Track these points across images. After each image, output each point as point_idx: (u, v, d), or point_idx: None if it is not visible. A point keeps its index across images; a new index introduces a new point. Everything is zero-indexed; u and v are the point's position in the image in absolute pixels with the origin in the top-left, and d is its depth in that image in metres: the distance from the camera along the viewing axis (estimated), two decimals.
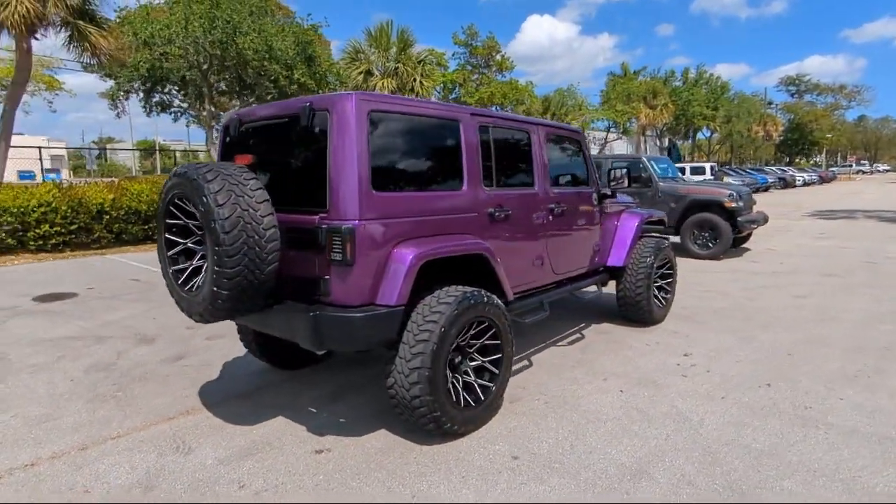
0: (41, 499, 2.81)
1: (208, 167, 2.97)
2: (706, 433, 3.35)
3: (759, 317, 5.92)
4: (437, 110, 3.51)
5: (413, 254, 3.09)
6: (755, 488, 2.77)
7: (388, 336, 3.07)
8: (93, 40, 13.08)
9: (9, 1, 11.67)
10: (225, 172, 2.96)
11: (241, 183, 2.96)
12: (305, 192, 3.15)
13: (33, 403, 4.01)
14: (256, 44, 13.98)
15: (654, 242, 5.51)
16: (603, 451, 3.16)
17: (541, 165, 4.26)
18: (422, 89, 18.23)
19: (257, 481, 2.94)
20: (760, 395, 3.88)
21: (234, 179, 2.95)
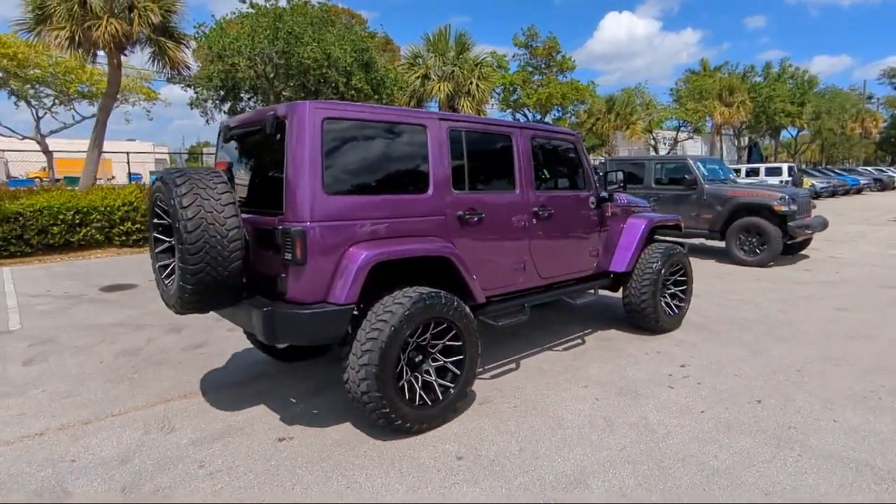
0: (35, 464, 3.16)
1: (180, 172, 3.22)
2: (666, 447, 3.20)
3: (782, 329, 5.50)
4: (401, 116, 3.59)
5: (364, 255, 3.18)
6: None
7: (338, 333, 3.19)
8: (171, 54, 14.21)
9: (100, 22, 12.92)
10: (195, 177, 3.19)
11: (209, 187, 3.18)
12: (270, 195, 3.32)
13: (62, 381, 4.48)
14: (315, 53, 14.60)
15: (663, 248, 5.28)
16: (549, 458, 3.11)
17: (524, 169, 4.22)
18: (478, 92, 18.28)
19: (216, 462, 3.15)
20: (745, 412, 3.64)
21: (202, 184, 3.17)
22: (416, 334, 3.37)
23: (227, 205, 3.18)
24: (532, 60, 23.40)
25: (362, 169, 3.38)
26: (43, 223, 11.00)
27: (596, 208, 4.87)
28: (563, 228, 4.57)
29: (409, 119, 3.61)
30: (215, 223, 3.11)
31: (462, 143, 3.84)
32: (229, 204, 3.19)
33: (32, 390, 4.31)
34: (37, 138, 27.56)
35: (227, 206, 3.18)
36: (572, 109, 24.81)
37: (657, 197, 9.87)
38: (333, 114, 3.23)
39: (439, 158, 3.67)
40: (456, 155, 3.79)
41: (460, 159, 3.82)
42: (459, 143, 3.83)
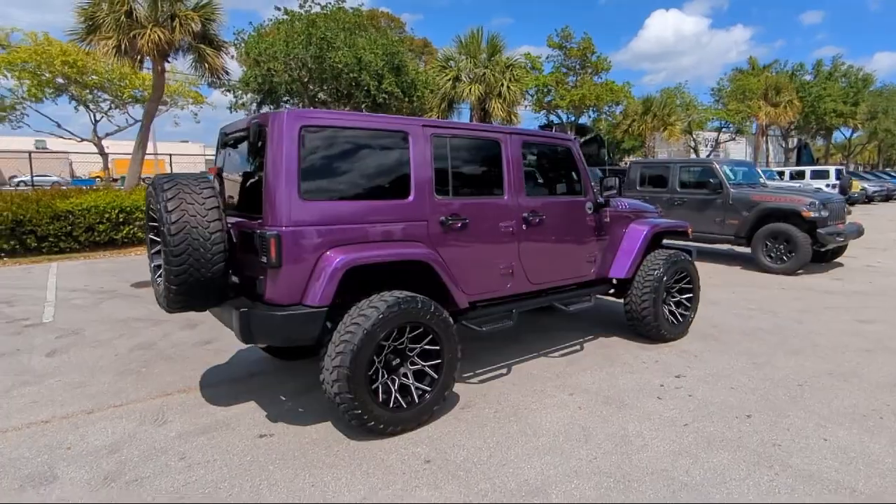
0: (35, 450, 3.36)
1: (168, 178, 3.36)
2: (638, 460, 3.13)
3: (795, 341, 5.26)
4: (382, 123, 3.63)
5: (339, 259, 3.24)
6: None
7: (312, 335, 3.25)
8: (209, 61, 14.75)
9: (144, 31, 13.54)
10: (182, 183, 3.33)
11: (195, 192, 3.30)
12: (254, 199, 3.43)
13: (78, 371, 4.73)
14: (346, 57, 14.87)
15: (666, 254, 5.13)
16: (516, 466, 3.08)
17: (513, 175, 4.19)
18: (509, 94, 18.17)
19: (196, 455, 3.27)
20: (730, 426, 3.51)
21: (188, 189, 3.30)
22: (392, 338, 3.40)
23: (211, 209, 3.29)
24: (566, 61, 23.08)
25: (341, 175, 3.43)
26: (90, 221, 11.62)
27: (594, 214, 4.78)
28: (557, 234, 4.51)
29: (390, 126, 3.64)
30: (198, 227, 3.23)
31: (447, 150, 3.85)
32: (213, 208, 3.30)
33: (49, 380, 4.57)
34: (94, 140, 29.12)
35: (210, 210, 3.29)
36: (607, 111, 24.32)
37: (681, 201, 9.59)
38: (312, 122, 3.30)
39: (421, 165, 3.69)
40: (440, 161, 3.81)
41: (444, 165, 3.83)
42: (444, 150, 3.84)
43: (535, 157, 4.51)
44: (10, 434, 3.59)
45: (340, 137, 3.43)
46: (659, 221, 5.32)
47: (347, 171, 3.46)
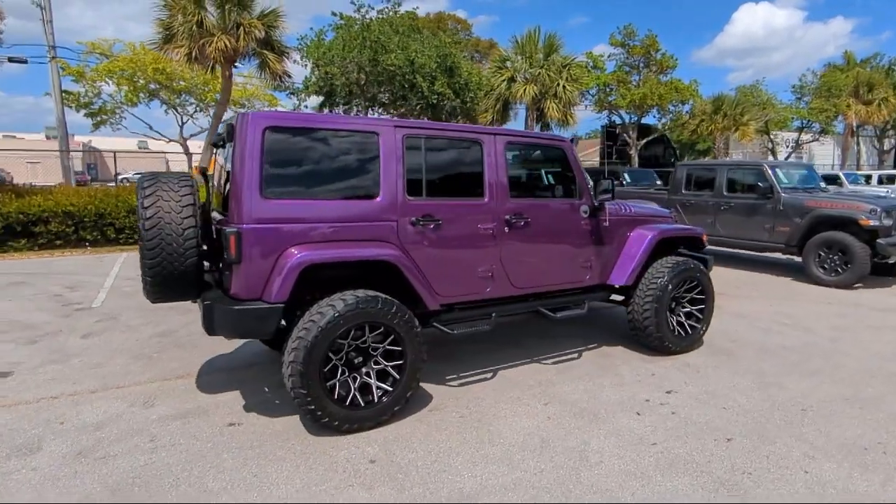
0: (34, 422, 3.67)
1: (151, 176, 3.56)
2: (586, 478, 2.96)
3: (818, 361, 4.77)
4: (350, 124, 3.64)
5: (296, 257, 3.29)
6: None
7: (267, 330, 3.33)
8: (271, 66, 15.46)
9: (212, 39, 14.40)
10: (162, 181, 3.51)
11: (173, 190, 3.48)
12: (226, 198, 3.55)
13: (100, 353, 5.11)
14: (399, 60, 15.10)
15: (673, 262, 4.81)
16: (457, 473, 3.01)
17: (494, 176, 4.08)
18: (565, 93, 17.71)
19: (165, 438, 3.44)
20: (703, 449, 3.24)
21: (166, 187, 3.48)
22: (352, 336, 3.41)
23: (185, 206, 3.45)
24: (629, 59, 22.14)
25: (306, 175, 3.49)
26: None
27: (590, 217, 4.57)
28: (545, 238, 4.35)
29: (359, 127, 3.66)
30: (172, 223, 3.40)
31: (421, 150, 3.82)
32: (188, 206, 3.46)
33: (74, 359, 4.97)
34: (180, 141, 31.40)
35: (185, 207, 3.45)
36: (673, 110, 23.13)
37: (728, 206, 8.97)
38: (276, 123, 3.38)
39: (391, 165, 3.68)
40: (413, 161, 3.78)
41: (418, 166, 3.80)
42: (418, 150, 3.80)
43: (523, 159, 4.37)
44: (21, 407, 3.94)
45: (307, 138, 3.48)
46: (666, 227, 5.00)
47: (314, 171, 3.51)
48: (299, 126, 3.47)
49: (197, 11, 14.49)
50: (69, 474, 3.02)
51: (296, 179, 3.45)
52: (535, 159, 4.52)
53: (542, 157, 4.53)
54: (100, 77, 28.27)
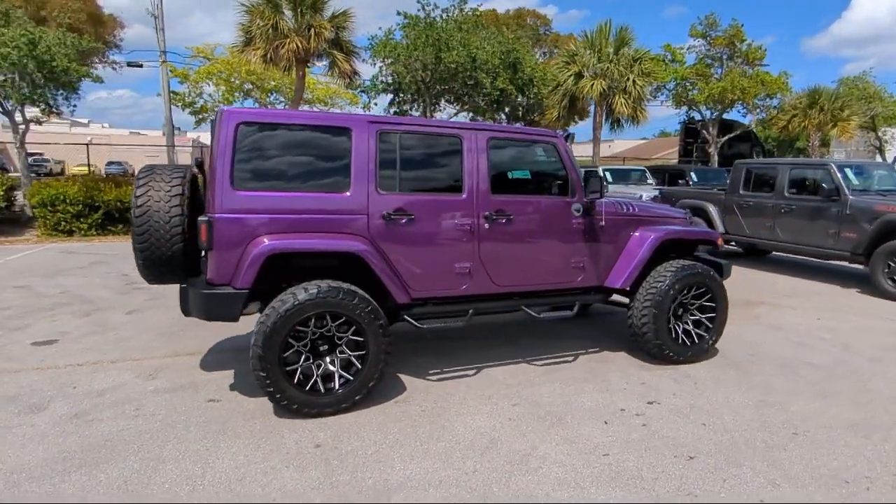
0: (52, 386, 4.11)
1: (147, 169, 3.85)
2: (517, 483, 2.86)
3: (841, 383, 4.25)
4: (323, 120, 3.73)
5: (262, 246, 3.43)
6: None
7: (231, 314, 3.50)
8: (339, 65, 16.04)
9: (286, 40, 15.18)
10: (157, 173, 3.80)
11: (164, 181, 3.75)
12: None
13: (133, 329, 5.61)
14: (460, 57, 15.09)
15: (678, 265, 4.48)
16: (389, 465, 3.01)
17: (475, 172, 4.01)
18: (635, 88, 16.85)
19: (149, 408, 3.72)
20: (655, 465, 3.02)
21: (159, 178, 3.76)
22: (314, 324, 3.51)
23: (174, 196, 3.71)
24: (710, 51, 20.57)
25: (277, 168, 3.62)
26: None
27: (583, 216, 4.36)
28: (531, 236, 4.21)
29: (332, 122, 3.74)
30: (160, 211, 3.67)
31: (396, 146, 3.83)
32: (176, 196, 3.71)
33: (110, 333, 5.49)
34: None
35: (173, 197, 3.71)
36: (761, 104, 21.23)
37: (789, 208, 8.17)
38: (249, 118, 3.54)
39: (363, 160, 3.72)
40: (387, 157, 3.80)
41: (392, 161, 3.82)
42: (392, 146, 3.82)
43: (508, 155, 4.25)
44: (49, 371, 4.42)
45: (281, 133, 3.62)
46: (672, 228, 4.65)
47: (286, 165, 3.64)
48: (272, 122, 3.61)
49: (273, 15, 15.33)
50: (57, 433, 3.36)
51: (267, 172, 3.59)
52: (523, 155, 4.38)
53: (531, 153, 4.38)
54: (201, 78, 30.69)
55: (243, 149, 3.51)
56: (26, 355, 4.77)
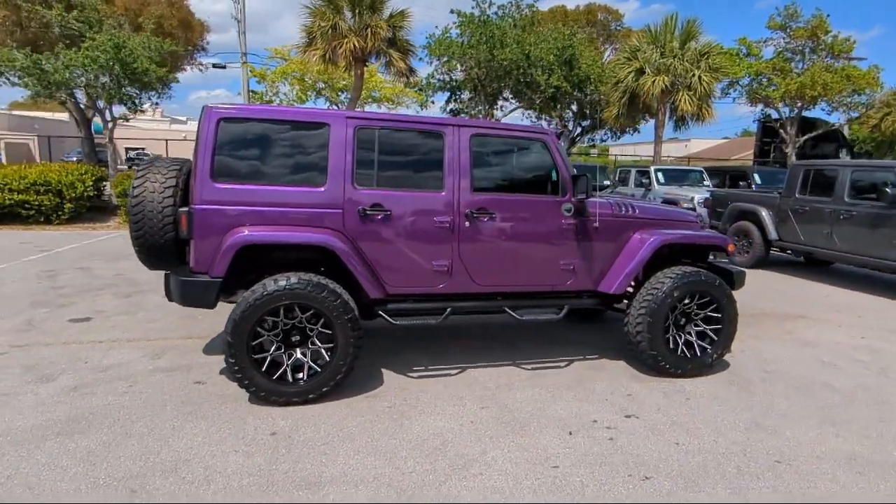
0: (67, 360, 4.45)
1: (147, 161, 4.08)
2: (448, 488, 2.77)
3: (860, 410, 3.78)
4: (301, 116, 3.77)
5: (236, 237, 3.53)
6: None
7: (206, 301, 3.63)
8: (395, 63, 16.27)
9: (343, 40, 15.60)
10: (155, 165, 4.01)
11: (160, 173, 3.95)
12: None
13: (162, 311, 5.95)
14: (514, 54, 14.85)
15: (679, 272, 4.16)
16: (333, 458, 3.02)
17: (457, 168, 3.91)
18: (700, 84, 15.83)
19: (140, 386, 3.94)
20: (603, 483, 2.82)
21: (156, 170, 3.96)
22: (284, 315, 3.57)
23: (167, 188, 3.90)
24: (790, 44, 18.80)
25: (256, 162, 3.70)
26: None
27: (574, 217, 4.15)
28: (515, 235, 4.06)
29: (310, 118, 3.78)
30: (154, 202, 3.86)
31: (374, 141, 3.81)
32: (169, 188, 3.90)
33: (140, 313, 5.88)
34: None
35: (167, 189, 3.90)
36: (849, 101, 19.22)
37: (848, 215, 7.38)
38: (230, 114, 3.64)
39: (340, 155, 3.74)
40: (364, 152, 3.79)
41: (370, 156, 3.80)
42: (370, 141, 3.81)
43: (494, 152, 4.11)
44: (72, 346, 4.80)
45: (259, 129, 3.70)
46: (675, 232, 4.32)
47: (264, 159, 3.71)
48: (253, 117, 3.71)
49: (333, 16, 15.80)
50: (53, 402, 3.64)
51: (246, 166, 3.69)
52: (510, 152, 4.21)
53: (519, 151, 4.21)
54: (277, 78, 32.17)
55: (223, 143, 3.62)
56: (60, 330, 5.20)
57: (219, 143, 3.61)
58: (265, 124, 3.72)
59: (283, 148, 3.75)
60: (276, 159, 3.74)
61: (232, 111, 3.68)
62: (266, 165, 3.72)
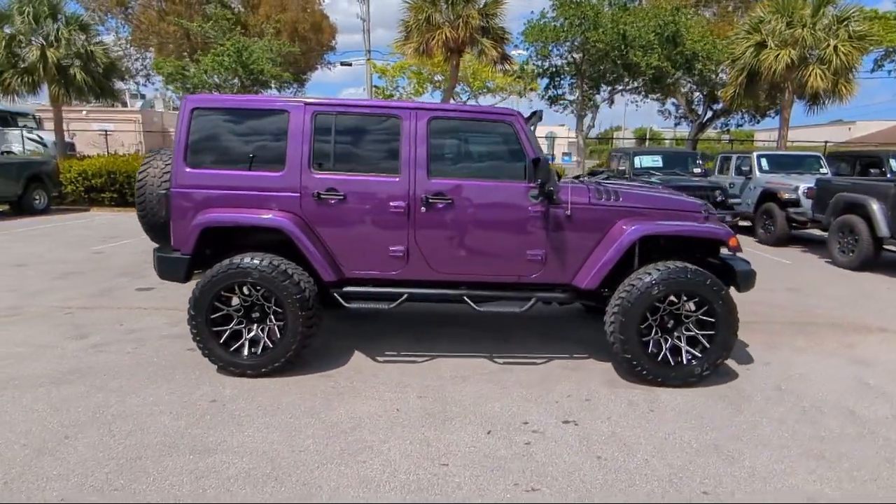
0: (104, 322, 5.13)
1: (157, 151, 4.52)
2: (321, 471, 2.74)
3: (865, 448, 3.01)
4: (264, 104, 3.90)
5: (199, 218, 3.79)
6: None
7: (179, 276, 3.94)
8: (487, 52, 16.05)
9: (435, 32, 15.74)
10: (161, 154, 4.44)
11: (161, 161, 4.37)
12: None
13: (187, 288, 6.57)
14: (607, 36, 13.85)
15: (663, 267, 3.64)
16: (240, 427, 3.14)
17: (413, 153, 3.78)
18: (836, 56, 13.40)
19: (143, 348, 4.41)
20: (479, 489, 2.60)
21: (159, 158, 4.39)
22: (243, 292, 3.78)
23: (165, 173, 4.31)
24: None
25: (224, 148, 3.90)
26: None
27: (542, 204, 3.80)
28: (476, 222, 3.83)
29: (272, 105, 3.90)
30: (153, 185, 4.30)
31: (331, 127, 3.83)
32: (167, 173, 4.30)
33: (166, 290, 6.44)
34: None
35: (165, 174, 4.30)
36: None
37: None
38: (202, 104, 3.89)
39: (298, 141, 3.81)
40: (321, 137, 3.83)
41: (327, 142, 3.83)
42: (328, 127, 3.83)
43: (454, 136, 3.89)
44: (122, 310, 5.49)
45: (227, 117, 3.90)
46: (657, 224, 3.75)
47: (230, 145, 3.91)
48: (222, 106, 3.93)
49: (427, 8, 16.00)
50: (70, 356, 4.22)
51: (215, 152, 3.91)
52: (474, 136, 3.95)
53: (483, 134, 3.93)
54: (396, 73, 33.53)
55: (196, 130, 3.88)
56: (124, 297, 5.98)
57: (191, 131, 3.88)
58: (232, 113, 3.92)
59: (247, 135, 3.92)
60: (241, 145, 3.92)
61: (203, 101, 3.94)
62: (232, 151, 3.91)
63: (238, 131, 3.92)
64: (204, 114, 3.89)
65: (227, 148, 3.92)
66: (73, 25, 16.02)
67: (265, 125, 3.91)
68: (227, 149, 3.92)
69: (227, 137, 3.93)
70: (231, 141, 3.93)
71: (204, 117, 3.89)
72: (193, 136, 3.88)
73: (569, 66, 16.38)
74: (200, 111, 3.88)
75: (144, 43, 30.08)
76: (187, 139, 3.87)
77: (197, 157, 3.89)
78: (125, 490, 2.55)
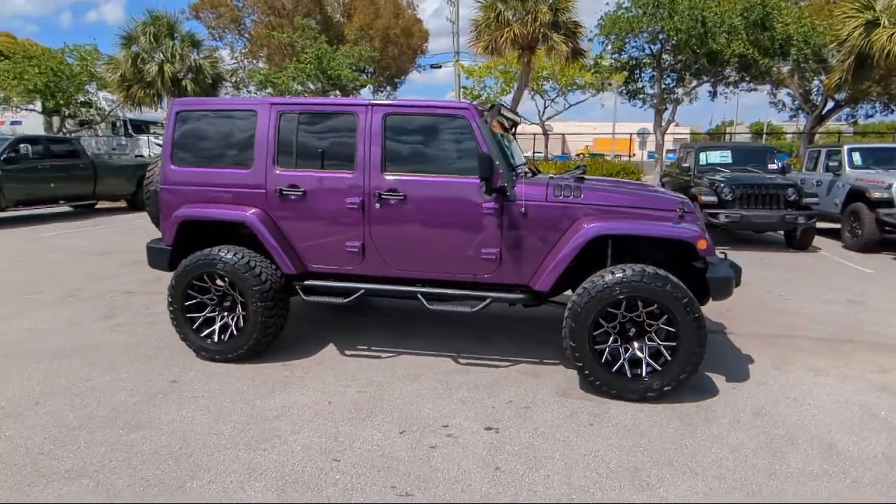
0: (123, 303, 5.68)
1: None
2: (224, 453, 2.82)
3: (831, 485, 2.49)
4: (236, 105, 4.08)
5: (178, 213, 4.07)
6: None
7: (162, 265, 4.24)
8: (556, 47, 15.52)
9: (503, 30, 15.50)
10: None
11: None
12: None
13: None
14: (683, 23, 12.78)
15: (619, 270, 3.29)
16: (180, 407, 3.32)
17: (367, 149, 3.76)
18: None
19: (152, 330, 4.82)
20: (356, 487, 2.53)
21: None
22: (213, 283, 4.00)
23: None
24: None
25: (201, 147, 4.14)
26: None
27: (495, 201, 3.60)
28: (428, 219, 3.73)
29: (243, 106, 4.07)
30: (157, 182, 4.69)
31: (294, 125, 3.92)
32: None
33: None
34: (539, 122, 34.39)
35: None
36: None
37: None
38: (186, 107, 4.17)
39: (264, 139, 3.95)
40: (285, 135, 3.93)
41: (290, 140, 3.93)
42: (292, 125, 3.92)
43: (409, 132, 3.78)
44: (156, 295, 6.00)
45: (206, 118, 4.14)
46: (619, 224, 3.37)
47: (208, 144, 4.14)
48: (202, 108, 4.18)
49: (497, 5, 15.82)
50: (89, 333, 4.70)
51: (195, 151, 4.16)
52: (428, 132, 3.80)
53: (439, 130, 3.78)
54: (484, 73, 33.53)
55: (178, 131, 4.17)
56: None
57: (175, 131, 4.18)
58: (211, 114, 4.16)
59: (223, 134, 4.13)
60: (217, 144, 4.14)
61: (185, 104, 4.22)
62: (210, 150, 4.15)
63: (215, 131, 4.15)
64: (186, 115, 4.17)
65: (206, 147, 4.16)
66: (186, 42, 17.94)
67: (238, 125, 4.09)
68: (205, 148, 4.17)
69: (206, 137, 4.17)
70: (209, 140, 4.16)
71: (185, 118, 4.16)
72: (177, 136, 4.16)
73: (648, 58, 15.35)
74: (182, 113, 4.16)
75: (257, 55, 32.84)
76: (172, 139, 4.16)
77: (180, 156, 4.17)
78: (49, 455, 2.80)
